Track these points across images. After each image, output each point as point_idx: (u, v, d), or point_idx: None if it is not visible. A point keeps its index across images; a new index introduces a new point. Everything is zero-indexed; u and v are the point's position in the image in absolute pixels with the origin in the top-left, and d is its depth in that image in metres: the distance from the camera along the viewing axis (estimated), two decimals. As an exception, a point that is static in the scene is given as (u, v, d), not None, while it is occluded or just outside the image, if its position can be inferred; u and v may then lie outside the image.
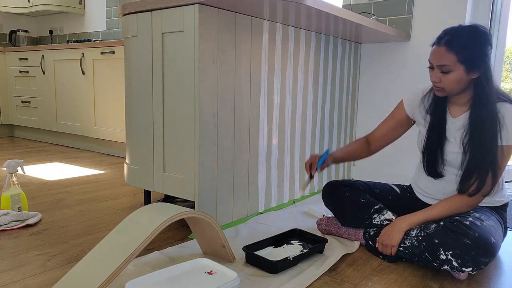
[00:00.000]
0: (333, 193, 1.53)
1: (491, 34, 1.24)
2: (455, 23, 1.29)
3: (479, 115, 1.25)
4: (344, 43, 2.30)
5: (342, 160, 1.57)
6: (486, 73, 1.23)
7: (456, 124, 1.32)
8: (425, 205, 1.44)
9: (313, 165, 1.46)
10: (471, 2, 2.17)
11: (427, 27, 2.25)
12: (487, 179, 1.24)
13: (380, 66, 2.44)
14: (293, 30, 1.87)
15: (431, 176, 1.39)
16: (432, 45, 1.27)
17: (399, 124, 1.50)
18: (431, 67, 1.27)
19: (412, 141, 1.80)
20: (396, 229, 1.31)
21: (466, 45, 1.20)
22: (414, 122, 1.48)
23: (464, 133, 1.28)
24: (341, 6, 2.52)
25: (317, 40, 2.06)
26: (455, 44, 1.21)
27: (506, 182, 2.39)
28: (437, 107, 1.36)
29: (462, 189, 1.28)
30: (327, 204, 1.55)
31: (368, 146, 1.57)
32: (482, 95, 1.24)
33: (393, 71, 2.40)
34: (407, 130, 1.52)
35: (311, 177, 1.47)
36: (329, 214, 1.69)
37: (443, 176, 1.36)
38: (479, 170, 1.25)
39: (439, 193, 1.40)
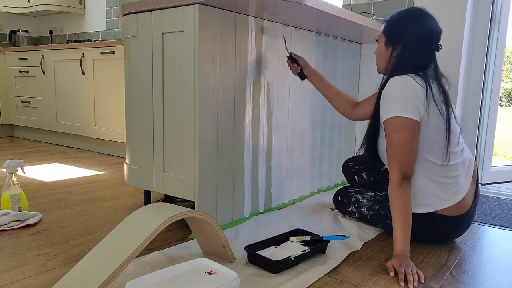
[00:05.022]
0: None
1: (431, 18, 1.31)
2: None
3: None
4: (344, 43, 2.30)
5: (320, 87, 1.70)
6: (405, 55, 1.32)
7: None
8: None
9: (297, 60, 1.67)
10: (471, 2, 2.17)
11: (427, 27, 2.25)
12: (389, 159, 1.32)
13: (380, 66, 2.44)
14: (293, 30, 1.87)
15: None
16: None
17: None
18: None
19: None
20: (406, 261, 1.22)
21: (393, 19, 1.36)
22: None
23: None
24: (341, 6, 2.52)
25: (317, 40, 2.05)
26: (388, 18, 1.39)
27: (506, 182, 2.38)
28: None
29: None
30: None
31: (351, 109, 1.66)
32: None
33: (393, 71, 2.40)
34: None
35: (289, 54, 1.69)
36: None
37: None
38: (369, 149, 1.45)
39: None
